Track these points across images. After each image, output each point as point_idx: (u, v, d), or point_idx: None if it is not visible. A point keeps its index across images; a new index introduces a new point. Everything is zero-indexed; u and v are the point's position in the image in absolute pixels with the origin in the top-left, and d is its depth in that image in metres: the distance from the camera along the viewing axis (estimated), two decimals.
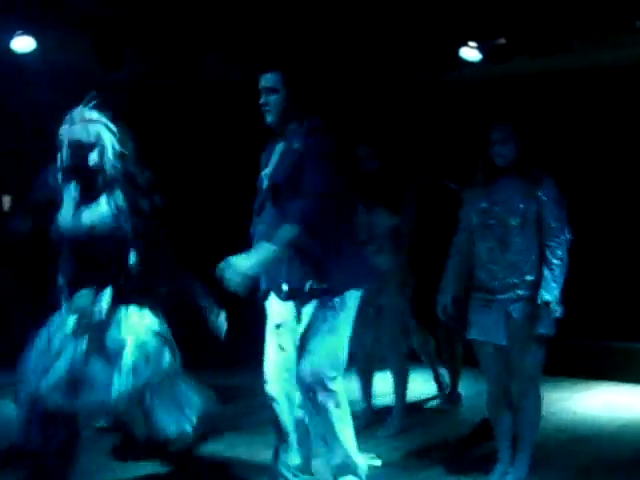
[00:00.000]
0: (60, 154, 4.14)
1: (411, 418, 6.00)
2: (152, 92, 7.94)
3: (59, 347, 3.98)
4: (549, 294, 4.44)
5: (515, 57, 6.81)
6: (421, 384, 6.79)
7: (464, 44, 6.89)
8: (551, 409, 6.00)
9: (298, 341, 4.26)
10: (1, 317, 5.35)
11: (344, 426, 4.23)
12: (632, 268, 7.73)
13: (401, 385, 5.90)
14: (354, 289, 4.21)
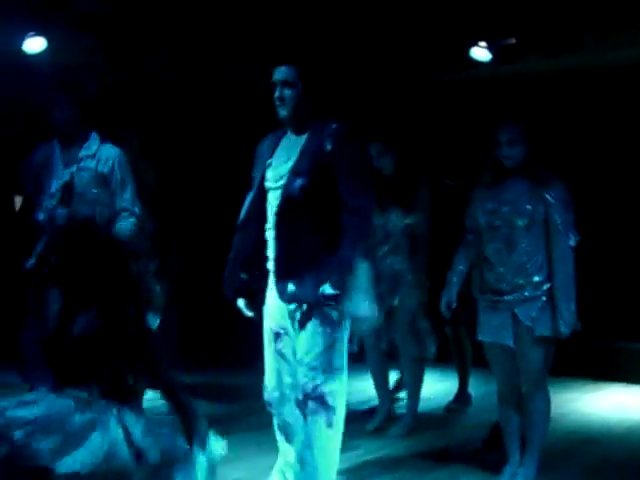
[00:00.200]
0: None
1: (422, 418, 5.99)
2: (159, 91, 7.95)
3: None
4: (565, 327, 4.44)
5: (525, 57, 6.79)
6: (432, 384, 6.77)
7: (474, 44, 6.87)
8: (561, 410, 5.99)
9: (296, 348, 4.04)
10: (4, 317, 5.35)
11: (327, 452, 3.95)
12: None
13: (414, 385, 5.86)
14: None
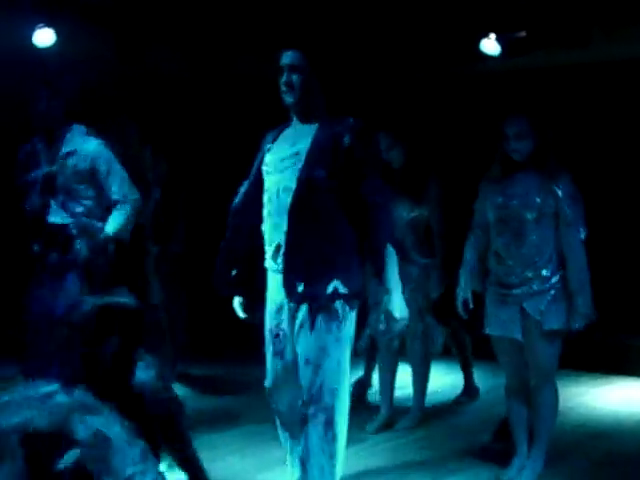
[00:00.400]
0: None
1: (430, 411, 6.00)
2: (168, 83, 7.95)
3: None
4: (582, 320, 4.45)
5: (535, 50, 6.77)
6: (438, 378, 6.77)
7: (484, 37, 6.86)
8: (569, 404, 5.99)
9: (297, 346, 3.86)
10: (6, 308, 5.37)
11: (329, 452, 3.79)
12: None
13: (421, 379, 5.84)
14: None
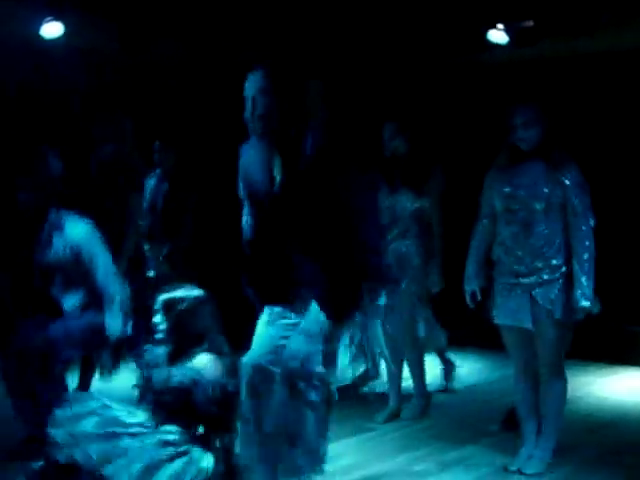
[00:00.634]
0: None
1: (436, 400, 6.00)
2: (173, 76, 7.94)
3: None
4: (585, 299, 4.43)
5: (542, 40, 6.75)
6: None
7: (492, 26, 6.84)
8: (577, 393, 5.99)
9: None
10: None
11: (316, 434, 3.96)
12: None
13: (417, 369, 5.77)
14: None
